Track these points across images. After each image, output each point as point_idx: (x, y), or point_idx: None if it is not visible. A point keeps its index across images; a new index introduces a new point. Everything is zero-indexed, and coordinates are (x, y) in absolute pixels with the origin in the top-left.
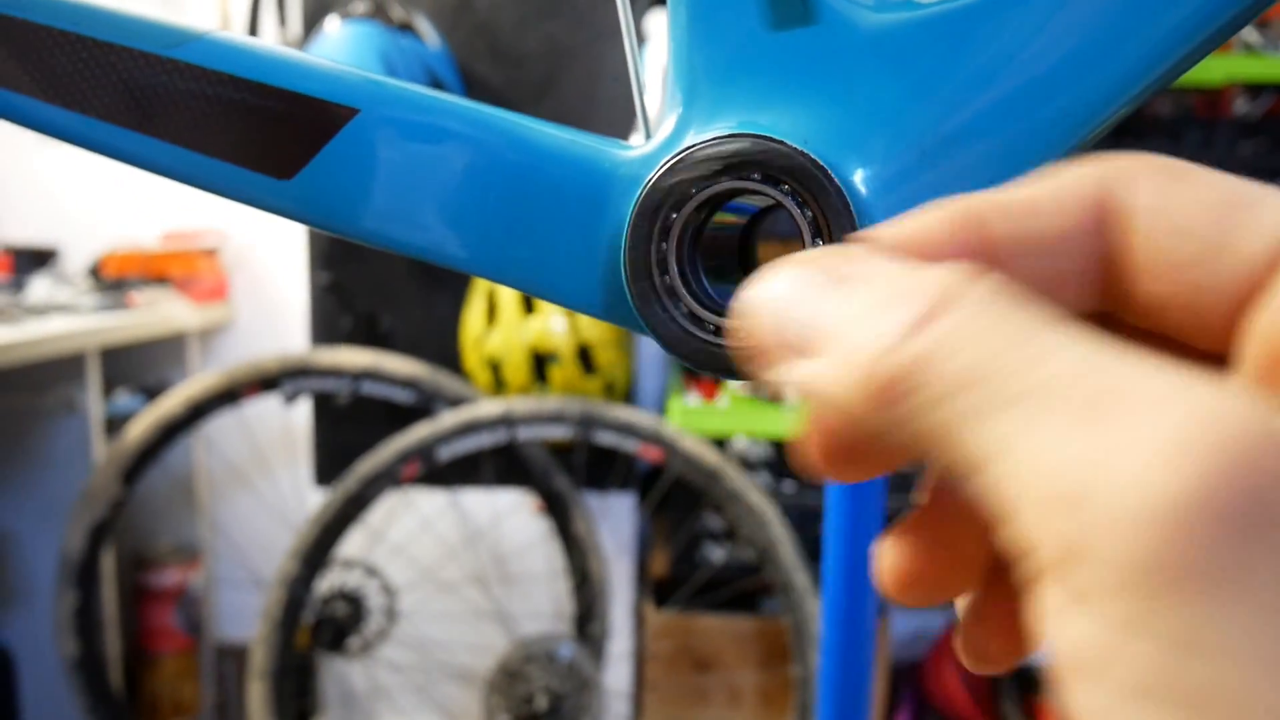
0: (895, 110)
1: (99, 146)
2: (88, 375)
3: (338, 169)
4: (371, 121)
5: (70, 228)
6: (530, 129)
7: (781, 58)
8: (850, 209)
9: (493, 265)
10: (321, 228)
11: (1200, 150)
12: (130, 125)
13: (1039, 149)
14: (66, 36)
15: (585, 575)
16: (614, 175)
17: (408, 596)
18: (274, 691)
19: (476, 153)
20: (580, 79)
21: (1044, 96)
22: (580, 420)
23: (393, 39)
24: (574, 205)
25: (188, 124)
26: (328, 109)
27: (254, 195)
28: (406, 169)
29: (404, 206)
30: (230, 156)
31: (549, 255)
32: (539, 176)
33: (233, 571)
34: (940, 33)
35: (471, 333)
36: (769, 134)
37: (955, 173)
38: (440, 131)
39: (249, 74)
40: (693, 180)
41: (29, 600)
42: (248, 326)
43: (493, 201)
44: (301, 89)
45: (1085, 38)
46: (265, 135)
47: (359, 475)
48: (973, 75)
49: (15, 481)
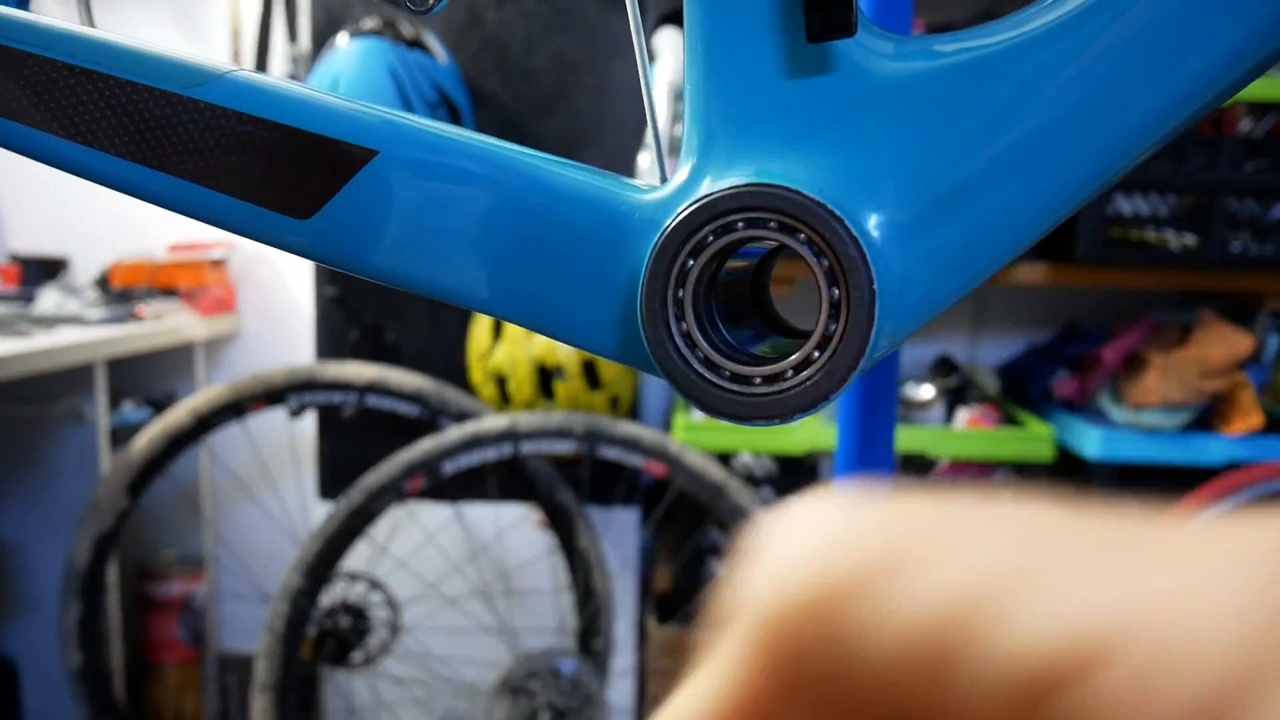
0: (911, 158)
1: (118, 183)
2: (95, 386)
3: (356, 209)
4: (390, 162)
5: (78, 239)
6: (547, 170)
7: (797, 107)
8: (865, 256)
9: (509, 306)
10: (339, 267)
11: (1205, 168)
12: (150, 163)
13: (1055, 197)
14: (89, 75)
15: (589, 590)
16: (631, 219)
17: (411, 610)
18: (277, 704)
19: (494, 194)
20: (588, 94)
21: (1059, 146)
22: (585, 435)
23: (402, 55)
24: (590, 247)
25: (207, 162)
26: (347, 150)
27: (272, 234)
28: (424, 210)
29: (421, 247)
30: (249, 196)
31: (564, 297)
32: (555, 218)
33: (237, 583)
34: (955, 82)
35: (477, 347)
36: (785, 183)
37: (971, 220)
38: (458, 172)
39: (269, 114)
40: (710, 228)
41: (33, 610)
42: (254, 338)
43: (509, 242)
44: (321, 130)
45: (1100, 88)
46: (284, 175)
47: (364, 489)
48: (988, 124)
49: (21, 492)
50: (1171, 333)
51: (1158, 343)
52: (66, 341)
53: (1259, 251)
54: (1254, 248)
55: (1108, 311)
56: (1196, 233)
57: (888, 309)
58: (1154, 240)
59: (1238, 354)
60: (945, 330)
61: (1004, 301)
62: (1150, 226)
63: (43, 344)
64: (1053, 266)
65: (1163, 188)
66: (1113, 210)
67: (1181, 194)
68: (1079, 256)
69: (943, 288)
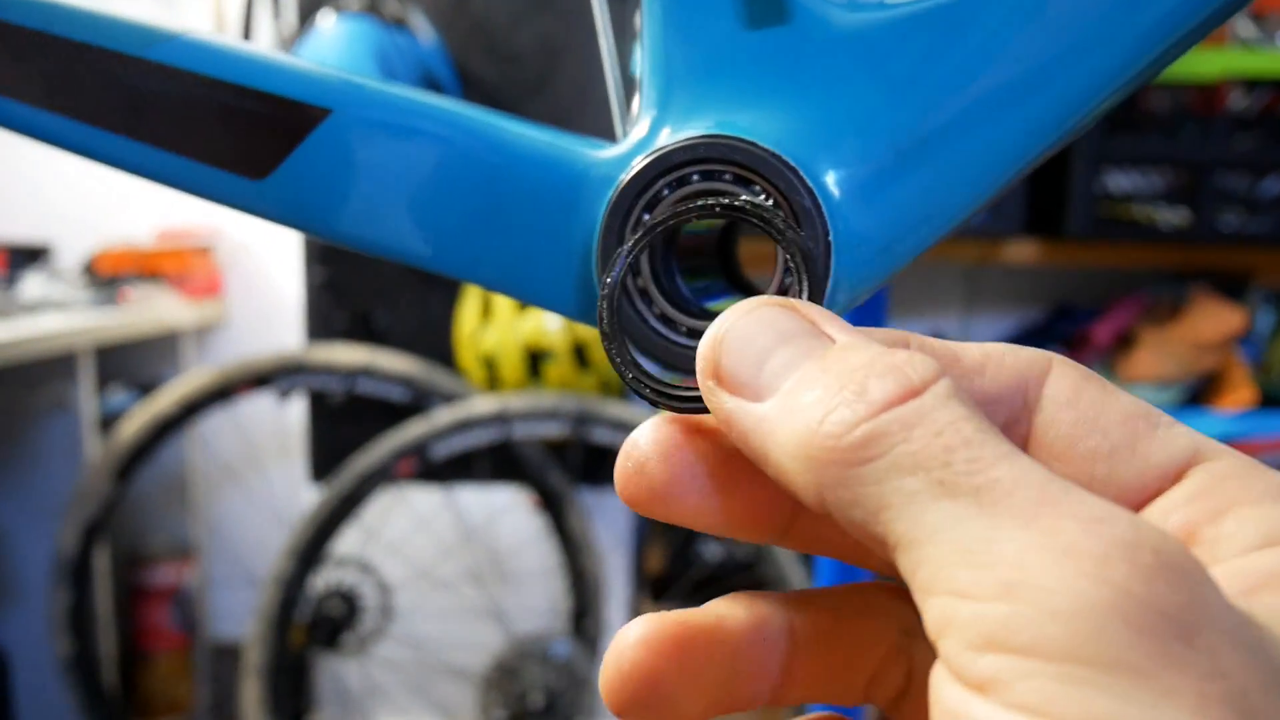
0: (870, 111)
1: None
2: (81, 373)
3: (311, 170)
4: (345, 122)
5: (63, 225)
6: (504, 129)
7: (754, 58)
8: (822, 210)
9: (466, 266)
10: (296, 228)
11: (1197, 145)
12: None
13: (1018, 148)
14: (38, 36)
15: (581, 572)
16: (587, 176)
17: (403, 594)
18: (269, 690)
19: (450, 153)
20: (575, 75)
21: (1022, 95)
22: (575, 417)
23: (387, 35)
24: (546, 206)
25: (161, 124)
26: (300, 109)
27: (227, 196)
28: (380, 170)
29: (377, 207)
30: (204, 157)
31: (522, 256)
32: (511, 177)
33: (227, 569)
34: (914, 32)
35: (466, 330)
36: (743, 135)
37: (933, 174)
38: (413, 132)
39: (222, 74)
40: (664, 181)
41: (22, 599)
42: (242, 324)
43: (465, 202)
44: (274, 89)
45: (1063, 35)
46: (238, 136)
47: (354, 473)
48: (948, 74)
49: (8, 479)
50: (1163, 309)
51: (1149, 319)
52: (52, 328)
53: (1251, 228)
54: (1246, 224)
55: (1100, 290)
56: (1188, 209)
57: (844, 263)
58: (1145, 217)
59: (1230, 330)
60: (937, 309)
61: (996, 280)
62: (1142, 202)
63: (27, 331)
64: (1044, 244)
65: (1154, 163)
66: (1104, 187)
67: (1173, 170)
68: (1070, 234)
69: (902, 242)
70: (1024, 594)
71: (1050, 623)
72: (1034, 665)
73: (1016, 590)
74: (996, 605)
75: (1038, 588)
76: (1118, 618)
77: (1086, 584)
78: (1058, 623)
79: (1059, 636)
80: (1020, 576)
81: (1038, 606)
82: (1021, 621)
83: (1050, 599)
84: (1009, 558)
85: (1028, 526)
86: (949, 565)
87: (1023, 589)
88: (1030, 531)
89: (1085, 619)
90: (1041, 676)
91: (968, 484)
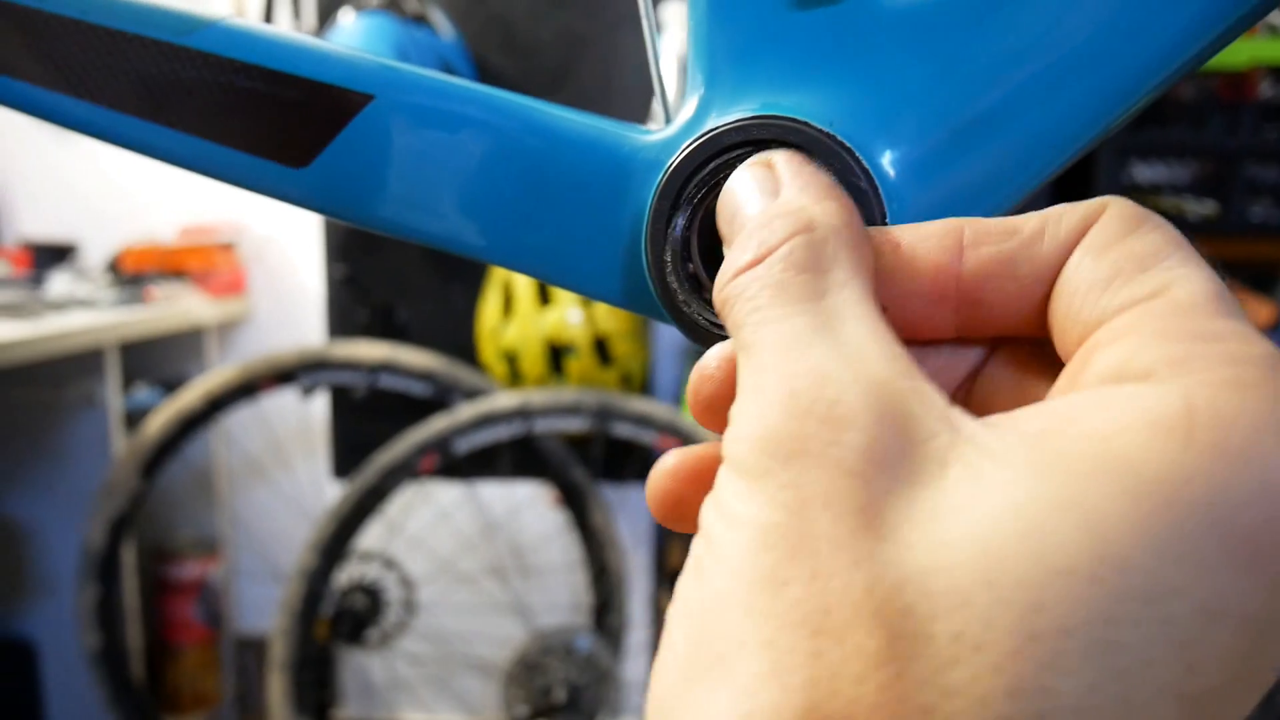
0: (924, 89)
1: (110, 136)
2: (107, 370)
3: (352, 156)
4: (386, 108)
5: (88, 223)
6: (548, 114)
7: (805, 37)
8: (879, 192)
9: (510, 253)
10: (336, 216)
11: (1225, 136)
12: (142, 114)
13: (1073, 130)
14: (77, 25)
15: (603, 567)
16: (634, 160)
17: (426, 589)
18: (294, 683)
19: (494, 138)
20: (595, 68)
21: (1076, 74)
22: (597, 412)
23: (407, 31)
24: (593, 191)
25: (200, 112)
26: (342, 95)
27: (267, 184)
28: (423, 156)
29: (420, 194)
30: (243, 145)
31: (567, 243)
32: (557, 162)
33: (252, 564)
34: (968, 9)
35: (488, 325)
36: (793, 116)
37: (987, 155)
38: (457, 117)
39: (262, 61)
40: (715, 164)
41: (51, 593)
42: (265, 320)
43: (510, 188)
44: (315, 75)
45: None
46: (278, 123)
47: (377, 468)
48: (1002, 53)
49: (36, 475)
50: None
51: None
52: (78, 325)
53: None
54: (1275, 215)
55: None
56: (1216, 200)
57: None
58: (1173, 208)
59: (1257, 323)
60: None
61: None
62: (1169, 194)
63: (54, 328)
64: None
65: (1182, 154)
66: (1131, 179)
67: (1201, 160)
68: None
69: None
70: (735, 421)
71: (731, 443)
72: (725, 470)
73: (734, 418)
74: (730, 428)
75: (738, 416)
76: (761, 443)
77: (758, 420)
78: (736, 444)
79: (735, 453)
80: (735, 411)
81: (732, 430)
82: (729, 437)
83: (735, 427)
84: (741, 393)
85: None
86: (746, 374)
87: (735, 419)
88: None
89: (748, 444)
90: (724, 474)
91: (746, 338)
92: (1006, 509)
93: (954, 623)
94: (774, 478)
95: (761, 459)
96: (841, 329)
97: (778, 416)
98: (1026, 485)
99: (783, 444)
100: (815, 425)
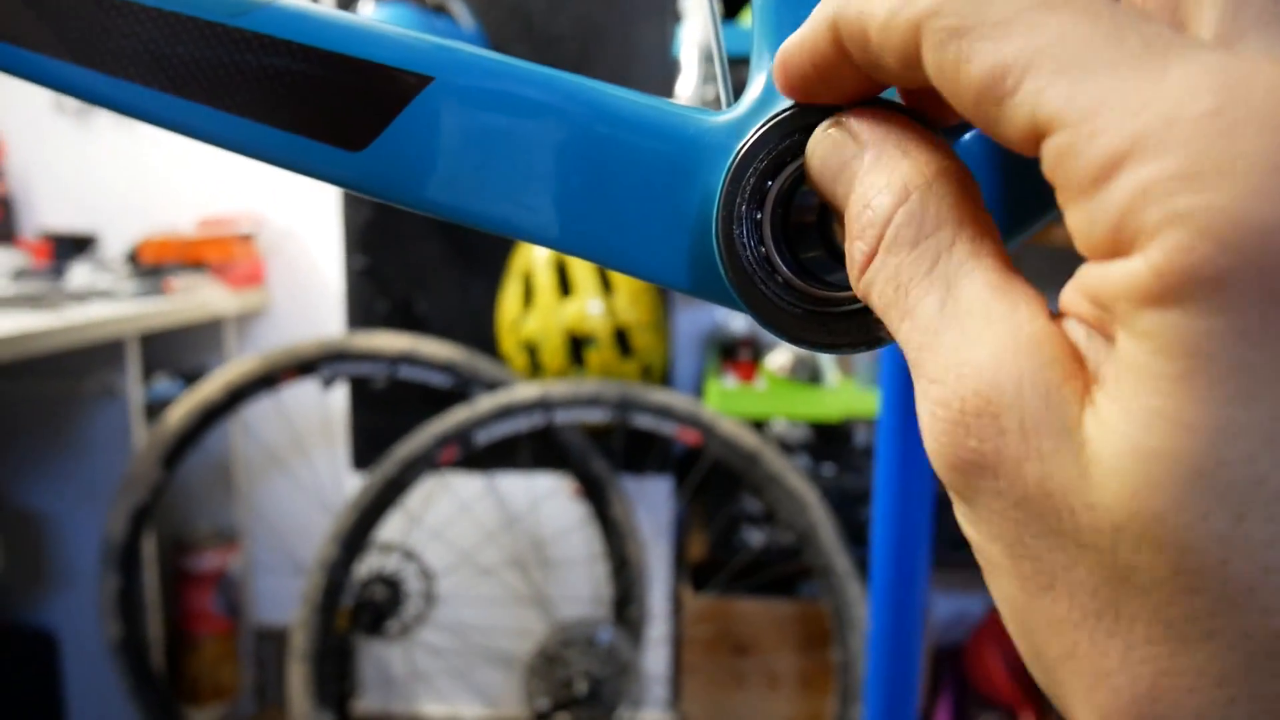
0: None
1: (162, 120)
2: (127, 361)
3: (411, 140)
4: (446, 90)
5: (108, 214)
6: (614, 96)
7: None
8: None
9: (575, 240)
10: (394, 201)
11: None
12: (194, 97)
13: None
14: (129, 7)
15: (623, 559)
16: (701, 143)
17: (446, 580)
18: (314, 674)
19: (558, 122)
20: (613, 58)
21: None
22: (618, 403)
23: (427, 20)
24: (660, 176)
25: (253, 95)
26: (400, 77)
27: (322, 168)
28: (483, 139)
29: (480, 178)
30: (298, 129)
31: (633, 228)
32: (624, 146)
33: (271, 555)
34: None
35: (508, 316)
36: None
37: None
38: (519, 100)
39: (317, 42)
40: (787, 145)
41: (72, 584)
42: (284, 311)
43: (575, 173)
44: (372, 56)
45: None
46: (334, 106)
47: (397, 459)
48: None
49: (57, 466)
50: None
51: None
52: (99, 316)
53: None
54: None
55: None
56: None
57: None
58: None
59: None
60: None
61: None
62: None
63: (75, 319)
64: None
65: None
66: None
67: None
68: None
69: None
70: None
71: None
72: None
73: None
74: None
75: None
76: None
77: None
78: (1195, 128)
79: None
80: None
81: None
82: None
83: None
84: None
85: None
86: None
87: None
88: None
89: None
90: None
91: (901, 339)
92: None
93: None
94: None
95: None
96: (961, 296)
97: (944, 430)
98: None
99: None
100: (978, 437)
